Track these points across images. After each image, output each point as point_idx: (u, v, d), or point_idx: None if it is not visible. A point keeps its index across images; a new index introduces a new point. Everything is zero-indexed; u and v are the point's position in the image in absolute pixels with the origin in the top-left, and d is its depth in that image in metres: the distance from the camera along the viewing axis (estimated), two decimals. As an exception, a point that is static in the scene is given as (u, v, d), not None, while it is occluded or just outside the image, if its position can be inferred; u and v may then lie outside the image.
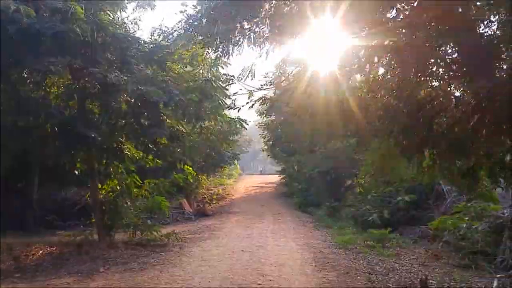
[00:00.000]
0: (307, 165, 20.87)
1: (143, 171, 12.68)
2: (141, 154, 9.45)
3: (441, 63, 5.03)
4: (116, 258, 8.01)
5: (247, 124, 10.70)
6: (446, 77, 5.08)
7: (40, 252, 8.49)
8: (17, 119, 7.44)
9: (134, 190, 9.63)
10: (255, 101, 7.32)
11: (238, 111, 7.97)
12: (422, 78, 4.89)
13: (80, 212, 12.10)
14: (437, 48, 4.92)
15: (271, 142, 31.21)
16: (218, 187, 28.29)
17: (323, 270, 7.18)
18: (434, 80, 5.11)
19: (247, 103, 7.33)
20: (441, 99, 5.04)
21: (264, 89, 7.46)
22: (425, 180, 8.85)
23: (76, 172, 10.09)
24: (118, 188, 9.66)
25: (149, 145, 8.60)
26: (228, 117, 10.51)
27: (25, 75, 7.93)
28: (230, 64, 9.61)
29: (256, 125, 33.91)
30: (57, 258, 7.89)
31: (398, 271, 7.68)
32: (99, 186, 9.70)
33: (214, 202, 21.92)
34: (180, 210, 16.17)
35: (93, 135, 7.48)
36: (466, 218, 8.90)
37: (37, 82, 8.41)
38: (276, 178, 33.52)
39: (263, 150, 35.42)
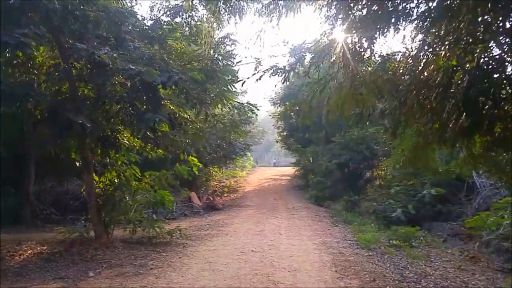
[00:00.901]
0: (323, 157, 19.77)
1: (149, 163, 11.89)
2: (139, 144, 8.56)
3: None
4: (111, 259, 7.14)
5: (258, 109, 9.66)
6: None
7: (29, 252, 7.68)
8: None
9: (134, 183, 8.74)
10: (264, 72, 6.23)
11: (242, 84, 6.93)
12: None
13: (82, 206, 11.39)
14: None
15: (285, 133, 30.23)
16: (230, 179, 27.48)
17: (344, 277, 6.14)
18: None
19: (254, 74, 6.27)
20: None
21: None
22: (463, 173, 7.71)
23: (77, 164, 9.31)
24: (117, 181, 8.80)
25: (147, 133, 7.66)
26: (236, 102, 9.45)
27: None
28: (237, 42, 8.55)
29: (270, 115, 32.94)
30: (45, 260, 7.05)
31: (431, 276, 6.63)
32: (96, 178, 8.89)
33: (225, 195, 21.07)
34: (189, 204, 15.33)
35: (80, 121, 6.55)
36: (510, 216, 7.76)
37: (22, 63, 7.55)
38: (290, 170, 32.52)
39: (276, 141, 34.38)
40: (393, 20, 4.43)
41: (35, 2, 5.87)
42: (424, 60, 4.52)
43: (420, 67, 4.54)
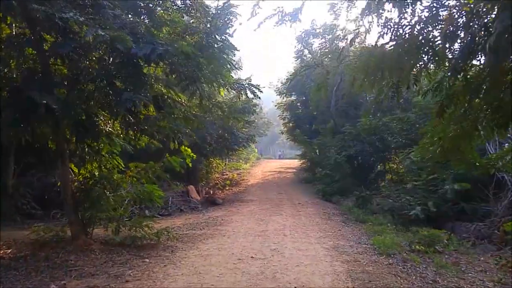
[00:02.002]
0: (332, 148, 18.52)
1: (144, 154, 10.74)
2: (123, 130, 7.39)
3: None
4: (84, 266, 5.99)
5: (261, 91, 8.39)
6: None
7: (-9, 255, 6.57)
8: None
9: (116, 176, 7.58)
10: (266, 19, 4.98)
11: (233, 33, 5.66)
12: None
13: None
14: None
15: (291, 124, 29.03)
16: (233, 171, 26.38)
17: (365, 296, 4.97)
18: None
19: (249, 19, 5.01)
20: None
21: None
22: (506, 167, 6.45)
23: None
24: (97, 173, 7.65)
25: (128, 117, 6.47)
26: (235, 81, 8.17)
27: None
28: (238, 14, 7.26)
29: (275, 105, 31.72)
30: (4, 267, 5.92)
31: (468, 294, 5.46)
32: (76, 170, 7.76)
33: (227, 188, 19.94)
34: (186, 198, 14.19)
35: (45, 101, 5.37)
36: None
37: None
38: (295, 162, 31.39)
39: (282, 133, 33.15)
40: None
41: None
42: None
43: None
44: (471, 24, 3.46)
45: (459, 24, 3.63)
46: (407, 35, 4.00)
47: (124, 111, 5.69)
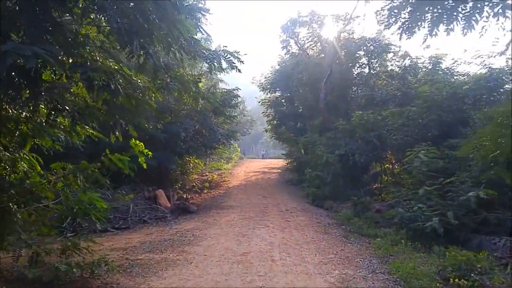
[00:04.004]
0: (321, 147, 16.52)
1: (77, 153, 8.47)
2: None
3: None
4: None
5: (241, 61, 6.17)
6: None
7: None
8: None
9: (32, 181, 5.28)
10: None
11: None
12: None
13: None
14: None
15: (275, 121, 26.99)
16: (213, 172, 24.12)
17: None
18: None
19: None
20: None
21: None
22: None
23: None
24: (9, 178, 5.34)
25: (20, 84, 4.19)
26: (207, 49, 5.94)
27: None
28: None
29: (259, 101, 29.64)
30: None
31: None
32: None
33: (205, 191, 17.67)
34: (153, 205, 11.87)
35: None
36: None
37: None
38: (280, 162, 29.35)
39: (266, 131, 31.03)
40: None
41: None
42: None
43: None
44: None
45: None
46: None
47: (4, 70, 3.37)
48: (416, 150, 10.17)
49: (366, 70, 20.53)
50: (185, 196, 15.02)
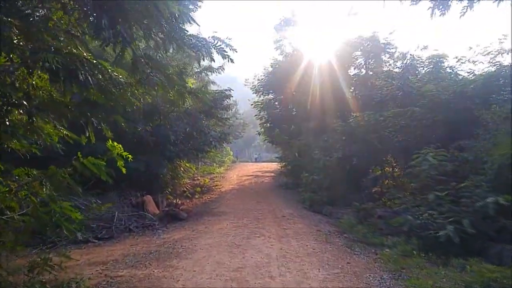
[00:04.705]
0: (316, 150, 15.80)
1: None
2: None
3: None
4: None
5: (234, 50, 5.38)
6: None
7: None
8: None
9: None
10: None
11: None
12: None
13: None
14: None
15: (268, 124, 26.21)
16: (205, 176, 23.28)
17: None
18: None
19: None
20: None
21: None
22: None
23: None
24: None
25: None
26: (194, 36, 5.12)
27: None
28: None
29: (251, 104, 28.86)
30: None
31: None
32: None
33: (196, 196, 16.83)
34: (141, 212, 11.01)
35: None
36: None
37: None
38: (273, 166, 28.58)
39: (259, 134, 30.23)
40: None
41: None
42: None
43: None
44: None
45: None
46: None
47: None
48: (424, 153, 9.46)
49: (364, 70, 19.89)
50: (175, 202, 14.16)
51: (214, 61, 5.35)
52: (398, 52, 18.90)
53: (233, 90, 16.73)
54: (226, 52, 5.14)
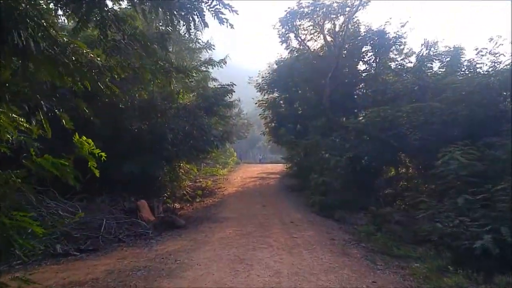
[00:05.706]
0: (326, 149, 14.73)
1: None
2: None
3: None
4: None
5: (236, 11, 4.35)
6: None
7: None
8: None
9: None
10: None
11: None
12: None
13: None
14: None
15: (273, 124, 25.15)
16: (208, 178, 22.22)
17: None
18: None
19: None
20: None
21: None
22: None
23: None
24: None
25: None
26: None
27: None
28: None
29: (256, 103, 27.82)
30: None
31: None
32: None
33: (197, 200, 15.78)
34: (134, 219, 9.96)
35: None
36: None
37: None
38: (278, 167, 27.51)
39: (263, 134, 29.14)
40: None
41: None
42: None
43: None
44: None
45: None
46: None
47: None
48: (451, 151, 8.37)
49: (374, 64, 18.78)
50: (173, 207, 13.14)
51: (207, 26, 4.25)
52: (409, 46, 17.90)
53: (235, 85, 15.65)
54: (223, 13, 4.07)
